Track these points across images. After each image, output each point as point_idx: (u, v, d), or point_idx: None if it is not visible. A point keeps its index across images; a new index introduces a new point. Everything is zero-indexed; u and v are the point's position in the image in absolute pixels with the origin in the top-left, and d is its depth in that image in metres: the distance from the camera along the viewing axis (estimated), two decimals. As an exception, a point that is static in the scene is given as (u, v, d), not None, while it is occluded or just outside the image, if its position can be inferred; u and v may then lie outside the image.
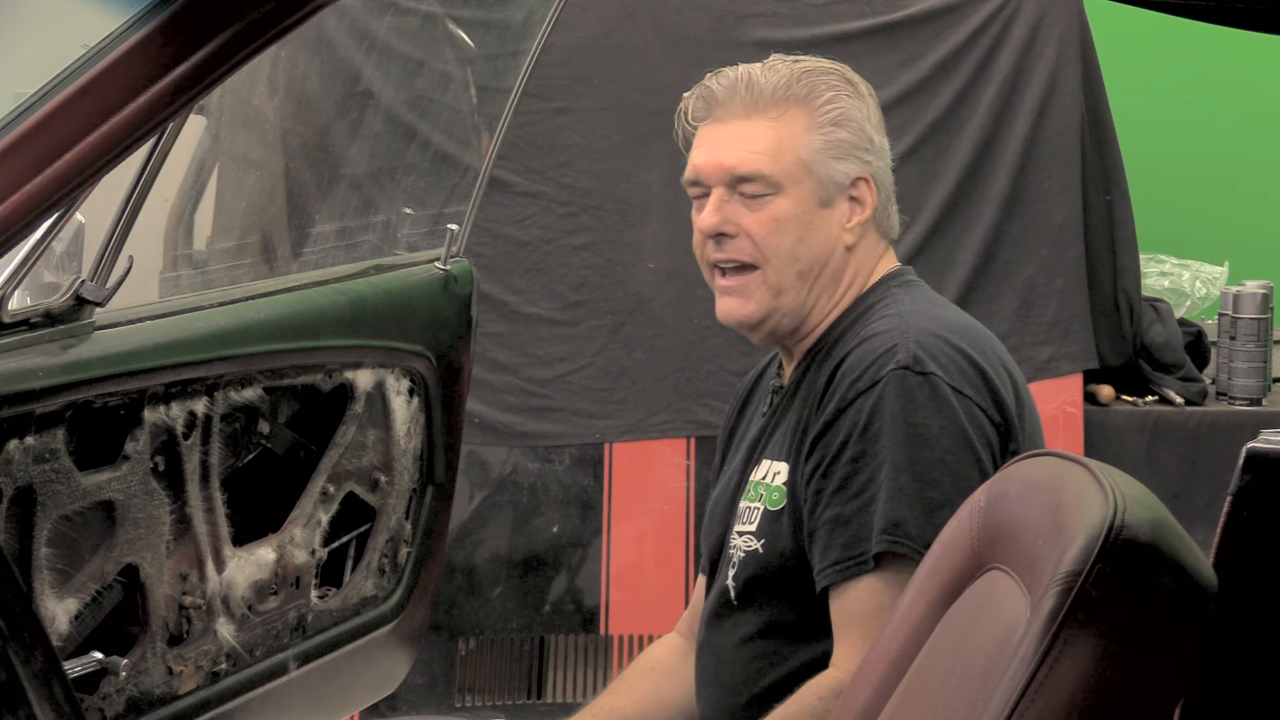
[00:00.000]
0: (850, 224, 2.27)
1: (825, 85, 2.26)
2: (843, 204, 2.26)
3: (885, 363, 2.16)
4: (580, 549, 4.12)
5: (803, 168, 2.23)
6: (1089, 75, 4.19)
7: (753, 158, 2.23)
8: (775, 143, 2.23)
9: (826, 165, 2.24)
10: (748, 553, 2.26)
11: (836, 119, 2.25)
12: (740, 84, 2.25)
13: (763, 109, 2.24)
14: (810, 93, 2.25)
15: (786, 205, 2.24)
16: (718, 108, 2.26)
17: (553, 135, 4.07)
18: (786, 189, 2.23)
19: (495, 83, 3.18)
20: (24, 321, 1.95)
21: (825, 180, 2.24)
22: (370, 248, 3.33)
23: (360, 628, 2.54)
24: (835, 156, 2.24)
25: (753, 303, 2.26)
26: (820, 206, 2.25)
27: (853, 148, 2.25)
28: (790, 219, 2.24)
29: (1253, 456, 1.54)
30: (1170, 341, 4.28)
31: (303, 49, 3.42)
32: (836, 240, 2.26)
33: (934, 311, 2.27)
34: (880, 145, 2.29)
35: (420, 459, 2.60)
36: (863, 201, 2.27)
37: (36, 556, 1.95)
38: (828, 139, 2.24)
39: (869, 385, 2.16)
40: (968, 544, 1.72)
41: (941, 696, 1.60)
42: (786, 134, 2.24)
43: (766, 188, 2.23)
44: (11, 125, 1.32)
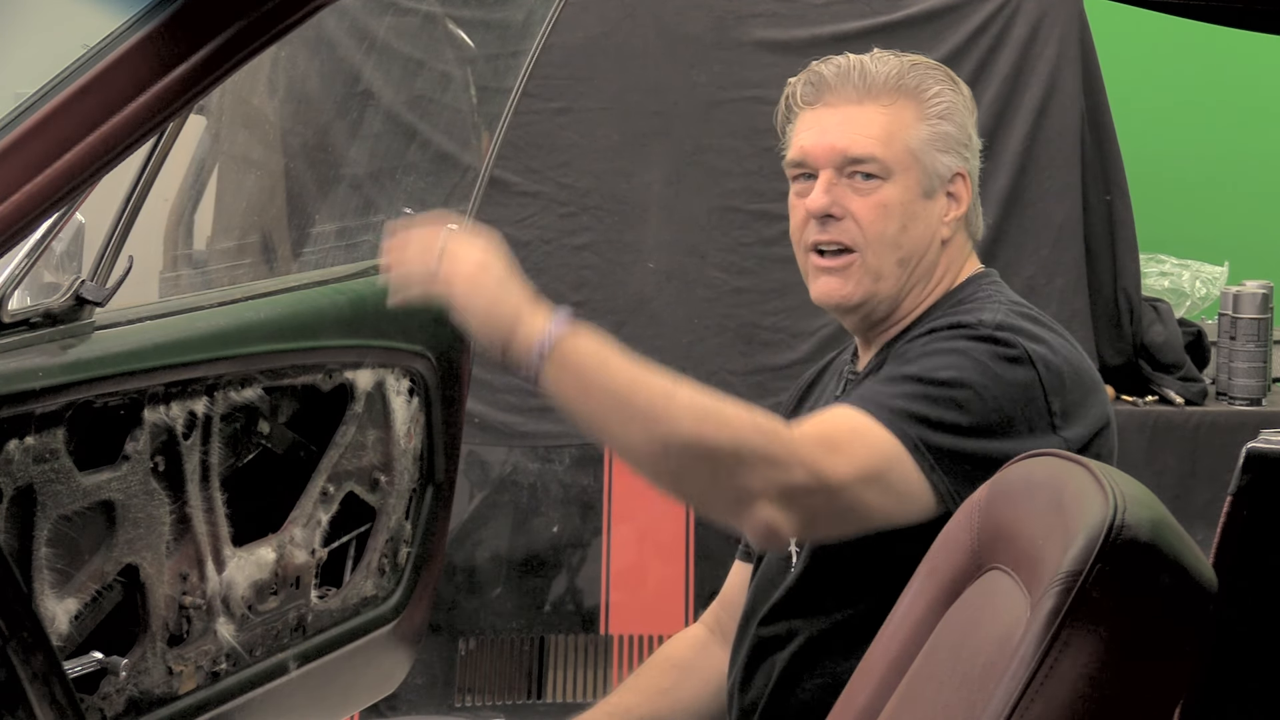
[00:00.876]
0: (948, 218, 2.30)
1: (933, 79, 2.30)
2: (942, 197, 2.29)
3: (972, 315, 2.21)
4: (580, 549, 4.12)
5: (911, 156, 2.27)
6: (1089, 75, 4.19)
7: (866, 141, 2.26)
8: (887, 129, 2.27)
9: (932, 156, 2.27)
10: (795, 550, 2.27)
11: (943, 112, 2.29)
12: (854, 71, 2.29)
13: (875, 96, 2.28)
14: (919, 85, 2.28)
15: (894, 192, 2.26)
16: (828, 93, 2.29)
17: (553, 135, 4.07)
18: (895, 175, 2.26)
19: (495, 83, 3.18)
20: (24, 321, 1.95)
21: (930, 171, 2.28)
22: (370, 248, 3.32)
23: (360, 628, 2.54)
24: (940, 149, 2.28)
25: (851, 283, 2.28)
26: (923, 197, 2.28)
27: (955, 142, 2.29)
28: (896, 205, 2.26)
29: (1253, 456, 1.54)
30: (1170, 341, 4.28)
31: (303, 49, 3.42)
32: (935, 232, 2.29)
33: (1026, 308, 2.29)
34: (977, 145, 2.33)
35: (420, 459, 2.60)
36: (959, 197, 2.30)
37: (36, 556, 1.95)
38: (934, 131, 2.28)
39: (948, 325, 2.20)
40: (968, 544, 1.72)
41: (941, 696, 1.60)
42: (897, 122, 2.27)
43: (878, 171, 2.26)
44: (11, 125, 1.32)
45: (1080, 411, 2.20)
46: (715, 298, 4.12)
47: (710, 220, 4.05)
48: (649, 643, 4.10)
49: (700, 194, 4.06)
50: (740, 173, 4.08)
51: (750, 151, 4.10)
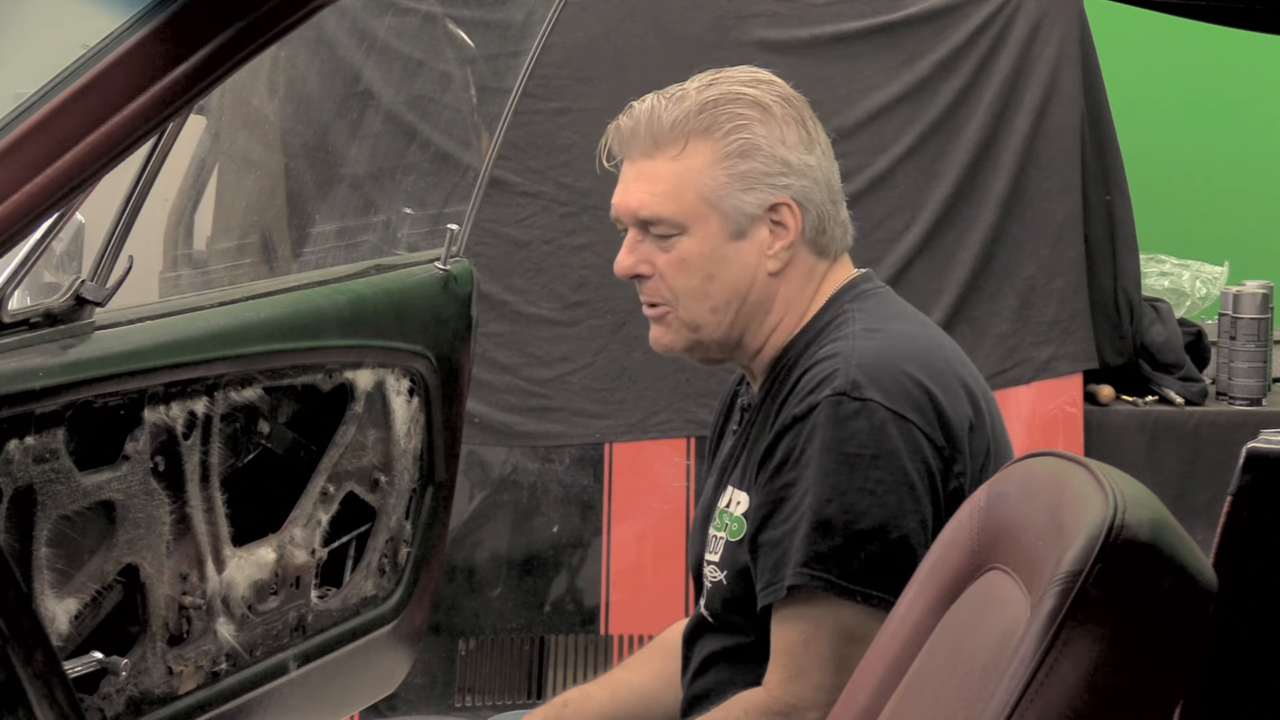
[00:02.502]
0: (772, 250, 2.20)
1: (727, 116, 2.18)
2: (761, 231, 2.20)
3: (823, 389, 2.12)
4: (580, 549, 4.12)
5: (706, 204, 2.18)
6: (1089, 75, 4.19)
7: (653, 200, 2.19)
8: (675, 182, 2.18)
9: (733, 198, 2.17)
10: (714, 583, 2.25)
11: (741, 149, 2.17)
12: (643, 120, 2.21)
13: (664, 146, 2.19)
14: (711, 125, 2.18)
15: (692, 244, 2.19)
16: (625, 145, 2.23)
17: (553, 135, 4.07)
18: (691, 228, 2.18)
19: (495, 83, 3.18)
20: (24, 321, 1.95)
21: (733, 214, 2.18)
22: (370, 248, 3.33)
23: (360, 628, 2.54)
24: (743, 188, 2.17)
25: (671, 333, 2.25)
26: (732, 239, 2.19)
27: (763, 176, 2.18)
28: (697, 258, 2.19)
29: (1253, 456, 1.54)
30: (1170, 341, 4.28)
31: (303, 49, 3.42)
32: (756, 269, 2.20)
33: (888, 328, 2.20)
34: (802, 164, 2.20)
35: (420, 459, 2.60)
36: (786, 225, 2.20)
37: (36, 556, 1.95)
38: (731, 172, 2.17)
39: (805, 412, 2.12)
40: (968, 544, 1.72)
41: (941, 696, 1.60)
42: (687, 171, 2.18)
43: (670, 229, 2.19)
44: (11, 125, 1.32)
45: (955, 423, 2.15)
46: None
47: (710, 220, 4.04)
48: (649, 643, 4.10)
49: (700, 194, 4.05)
50: (740, 173, 4.08)
51: (750, 151, 4.09)
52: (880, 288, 2.29)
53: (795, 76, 4.14)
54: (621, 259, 2.24)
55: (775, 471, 2.15)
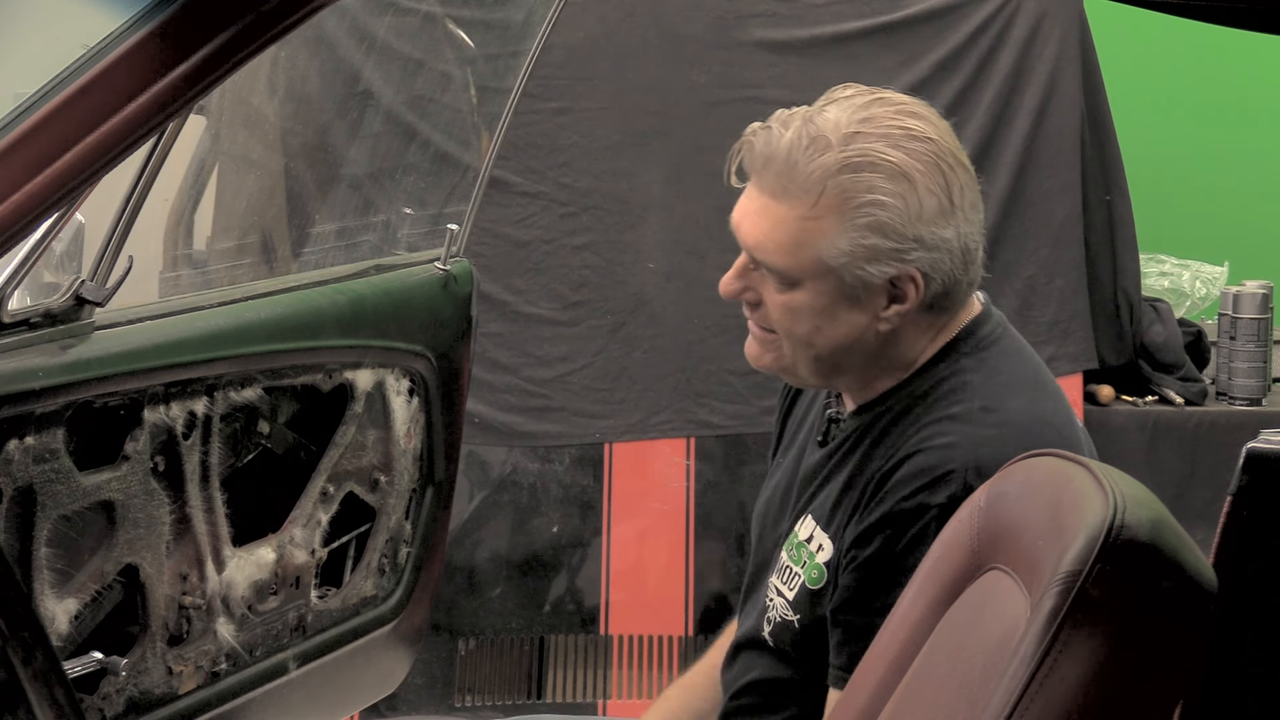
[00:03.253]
0: (887, 314, 2.10)
1: (865, 185, 2.05)
2: (878, 298, 2.09)
3: (937, 490, 2.02)
4: (580, 549, 4.12)
5: (824, 267, 2.07)
6: (1089, 75, 4.19)
7: (772, 246, 2.09)
8: (797, 238, 2.06)
9: (854, 268, 2.06)
10: (784, 621, 2.19)
11: (871, 225, 2.04)
12: (777, 158, 2.07)
13: (794, 194, 2.06)
14: (846, 191, 2.05)
15: (803, 298, 2.09)
16: (756, 171, 2.11)
17: (553, 135, 4.07)
18: (805, 283, 2.08)
19: (495, 83, 3.18)
20: (24, 321, 1.95)
21: (851, 281, 2.07)
22: (370, 248, 3.33)
23: (360, 628, 2.54)
24: (867, 260, 2.06)
25: (769, 357, 2.17)
26: (845, 302, 2.09)
27: (890, 252, 2.05)
28: (806, 310, 2.10)
29: (1253, 456, 1.54)
30: (1170, 341, 4.28)
31: (303, 49, 3.42)
32: (866, 329, 2.10)
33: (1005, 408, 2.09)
34: (935, 239, 2.06)
35: (420, 459, 2.60)
36: (906, 294, 2.08)
37: (36, 556, 1.95)
38: (857, 243, 2.05)
39: (915, 509, 2.04)
40: (968, 544, 1.72)
41: (941, 696, 1.60)
42: (813, 231, 2.06)
43: (783, 280, 2.10)
44: (11, 125, 1.32)
45: None
46: (715, 298, 4.11)
47: (710, 220, 4.04)
48: (649, 643, 4.10)
49: (700, 194, 4.06)
50: (740, 173, 4.08)
51: (750, 151, 4.09)
52: (996, 332, 2.18)
53: (795, 76, 4.15)
54: (728, 282, 2.16)
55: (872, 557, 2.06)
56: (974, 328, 2.16)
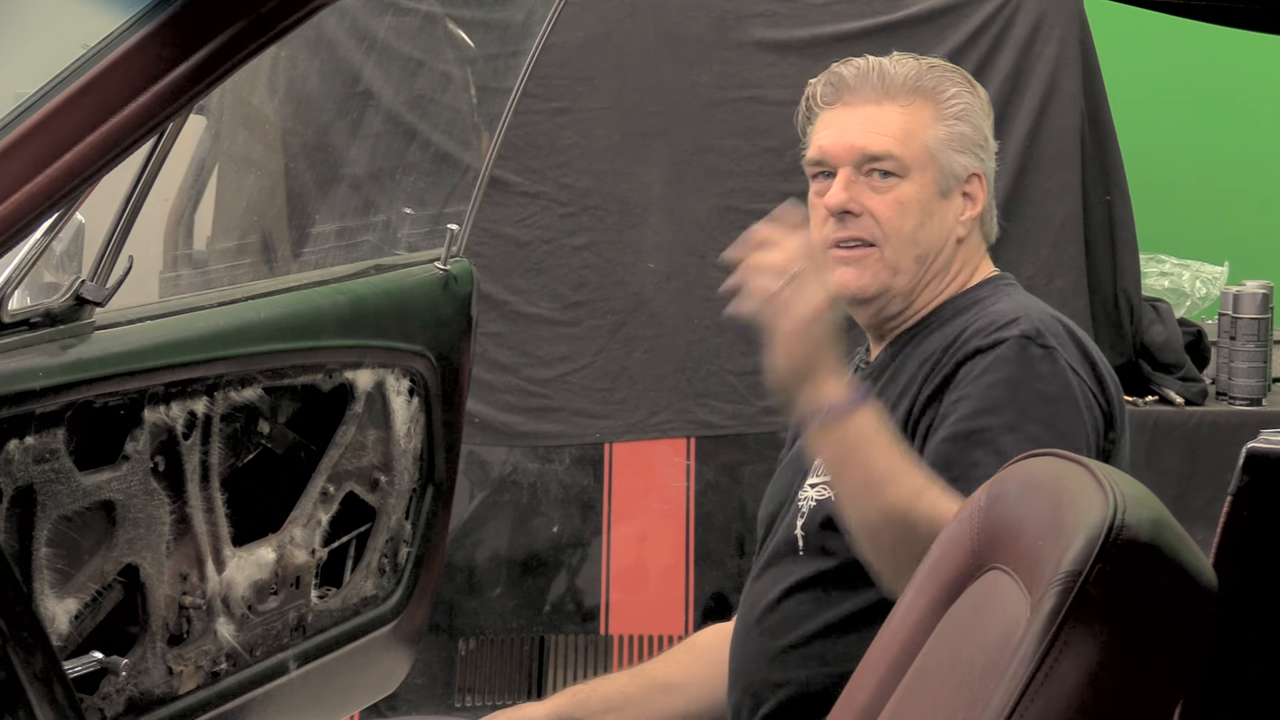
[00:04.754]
0: (964, 217, 2.35)
1: (950, 81, 2.36)
2: (958, 197, 2.35)
3: (1010, 329, 2.23)
4: (580, 549, 4.12)
5: (928, 154, 2.33)
6: (1089, 75, 4.18)
7: (884, 139, 2.32)
8: (905, 128, 2.32)
9: (948, 156, 2.33)
10: (819, 500, 2.30)
11: (960, 113, 2.34)
12: (872, 73, 2.34)
13: (893, 96, 2.33)
14: (937, 86, 2.34)
15: (911, 190, 2.32)
16: (847, 93, 2.35)
17: (553, 135, 4.07)
18: (912, 173, 2.32)
19: (495, 83, 3.18)
20: (24, 321, 1.95)
21: (946, 170, 2.33)
22: (370, 248, 3.33)
23: (360, 628, 2.54)
24: (956, 149, 2.34)
25: (868, 275, 2.33)
26: (939, 196, 2.33)
27: (972, 143, 2.35)
28: (914, 203, 2.32)
29: (1253, 456, 1.54)
30: (1170, 341, 4.28)
31: (303, 49, 3.42)
32: (950, 231, 2.35)
33: (1037, 306, 2.33)
34: (993, 147, 2.39)
35: (420, 459, 2.60)
36: (974, 197, 2.36)
37: (36, 556, 1.95)
38: (951, 131, 2.34)
39: (991, 345, 2.22)
40: (968, 544, 1.72)
41: (941, 696, 1.60)
42: (915, 121, 2.33)
43: (896, 169, 2.31)
44: (11, 125, 1.32)
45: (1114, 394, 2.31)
46: (715, 298, 4.12)
47: (710, 220, 4.05)
48: (649, 643, 4.10)
49: (700, 194, 4.06)
50: (740, 173, 4.08)
51: (750, 151, 4.10)
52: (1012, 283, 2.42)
53: (795, 76, 4.14)
54: (835, 194, 2.32)
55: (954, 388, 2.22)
56: (1003, 276, 2.42)
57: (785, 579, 2.32)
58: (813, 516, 2.30)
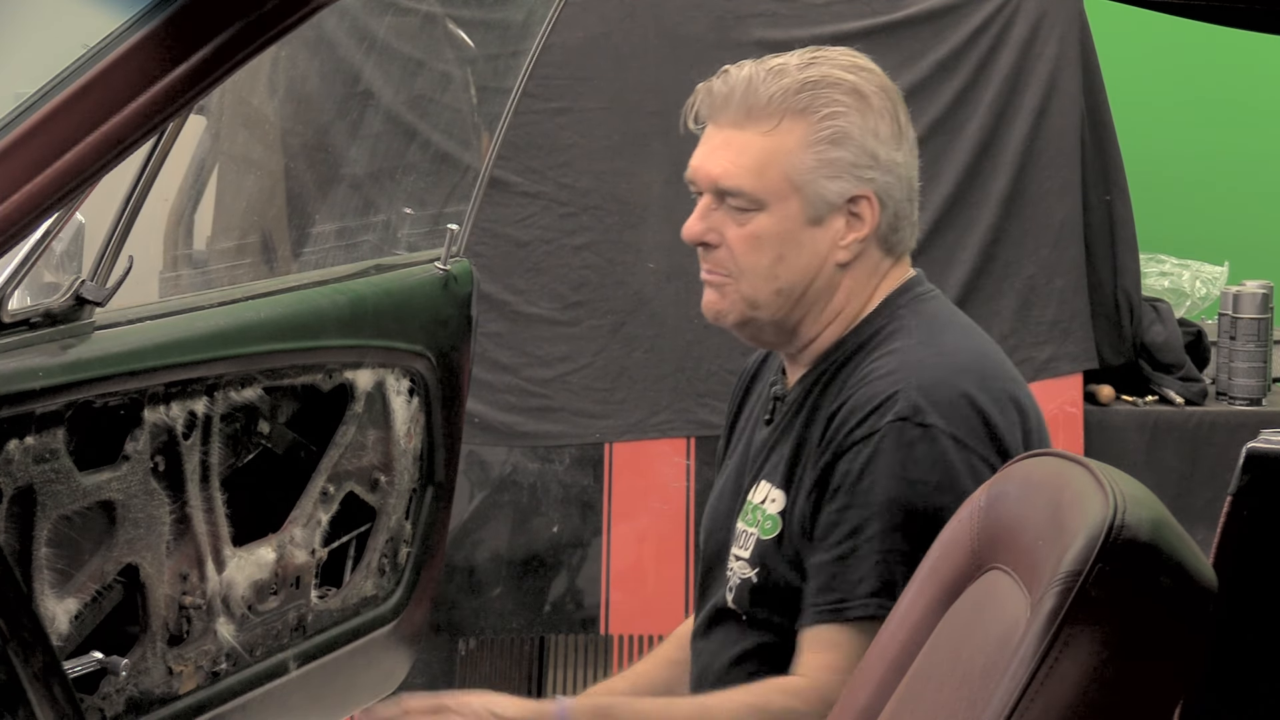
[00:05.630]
0: (845, 241, 2.18)
1: (826, 100, 2.16)
2: (837, 221, 2.18)
3: (884, 412, 2.10)
4: (580, 549, 4.12)
5: (789, 185, 2.16)
6: (1089, 75, 4.19)
7: (737, 172, 2.16)
8: (762, 158, 2.15)
9: (817, 185, 2.16)
10: (743, 580, 2.23)
11: (834, 136, 2.15)
12: (739, 89, 2.17)
13: (757, 119, 2.16)
14: (808, 107, 2.15)
15: (769, 222, 2.17)
16: (716, 111, 2.19)
17: (553, 135, 4.07)
18: (771, 206, 2.16)
19: (495, 83, 3.18)
20: (24, 321, 1.95)
21: (814, 199, 2.16)
22: (370, 248, 3.33)
23: (360, 628, 2.54)
24: (828, 176, 2.16)
25: (727, 303, 2.22)
26: (808, 224, 2.17)
27: (850, 166, 2.16)
28: (771, 237, 2.17)
29: (1253, 456, 1.54)
30: (1170, 341, 4.28)
31: (303, 49, 3.42)
32: (826, 258, 2.19)
33: (943, 342, 2.19)
34: (889, 160, 2.18)
35: (420, 459, 2.60)
36: (862, 218, 2.18)
37: (36, 556, 1.95)
38: (821, 157, 2.15)
39: (865, 435, 2.11)
40: (968, 544, 1.72)
41: (941, 696, 1.60)
42: (777, 149, 2.15)
43: (749, 203, 2.16)
44: (11, 125, 1.32)
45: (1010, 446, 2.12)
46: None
47: (710, 220, 4.04)
48: (649, 643, 4.09)
49: (700, 194, 4.06)
50: (740, 173, 4.08)
51: (750, 151, 4.09)
52: (932, 292, 2.27)
53: (795, 76, 4.14)
54: (691, 225, 2.21)
55: (833, 494, 2.12)
56: (911, 285, 2.24)
57: (732, 646, 2.25)
58: (741, 591, 2.23)
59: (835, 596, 2.10)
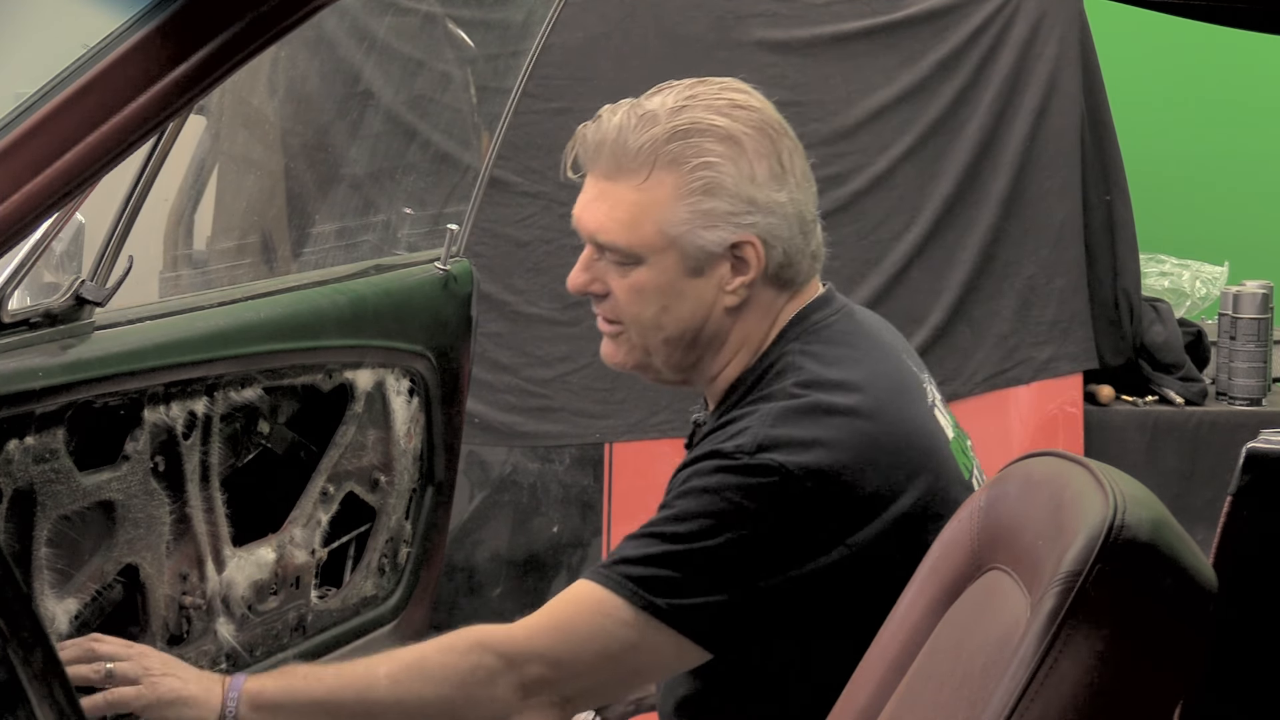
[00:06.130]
0: (731, 287, 2.10)
1: (696, 149, 2.07)
2: (721, 268, 2.09)
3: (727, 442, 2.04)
4: (580, 549, 4.12)
5: (664, 239, 2.07)
6: (1089, 75, 4.19)
7: (611, 227, 2.10)
8: (634, 213, 2.08)
9: (694, 235, 2.07)
10: None
11: (706, 186, 2.06)
12: (609, 138, 2.10)
13: (627, 171, 2.09)
14: (677, 158, 2.07)
15: (648, 275, 2.09)
16: (590, 160, 2.13)
17: (553, 135, 4.07)
18: (648, 259, 2.09)
19: (495, 83, 3.19)
20: (24, 321, 1.95)
21: (693, 250, 2.07)
22: (370, 248, 3.33)
23: (360, 628, 2.54)
24: (704, 225, 2.06)
25: (622, 352, 2.16)
26: (689, 275, 2.09)
27: (727, 215, 2.06)
28: (652, 289, 2.10)
29: (1253, 456, 1.54)
30: (1170, 341, 4.28)
31: (303, 49, 3.42)
32: (713, 304, 2.10)
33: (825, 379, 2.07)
34: (770, 202, 2.08)
35: (420, 459, 2.60)
36: (748, 262, 2.09)
37: (36, 556, 1.95)
38: (694, 209, 2.06)
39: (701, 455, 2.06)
40: (968, 544, 1.72)
41: (941, 696, 1.60)
42: (649, 202, 2.07)
43: (626, 259, 2.10)
44: (11, 125, 1.32)
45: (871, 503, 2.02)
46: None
47: (710, 220, 4.04)
48: (649, 643, 4.10)
49: (700, 194, 4.06)
50: (740, 173, 4.08)
51: (750, 151, 4.10)
52: (832, 317, 2.16)
53: (795, 76, 4.15)
54: (575, 275, 2.16)
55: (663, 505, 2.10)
56: (809, 311, 2.15)
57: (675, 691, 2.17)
58: None
59: (612, 559, 2.07)
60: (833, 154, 4.10)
